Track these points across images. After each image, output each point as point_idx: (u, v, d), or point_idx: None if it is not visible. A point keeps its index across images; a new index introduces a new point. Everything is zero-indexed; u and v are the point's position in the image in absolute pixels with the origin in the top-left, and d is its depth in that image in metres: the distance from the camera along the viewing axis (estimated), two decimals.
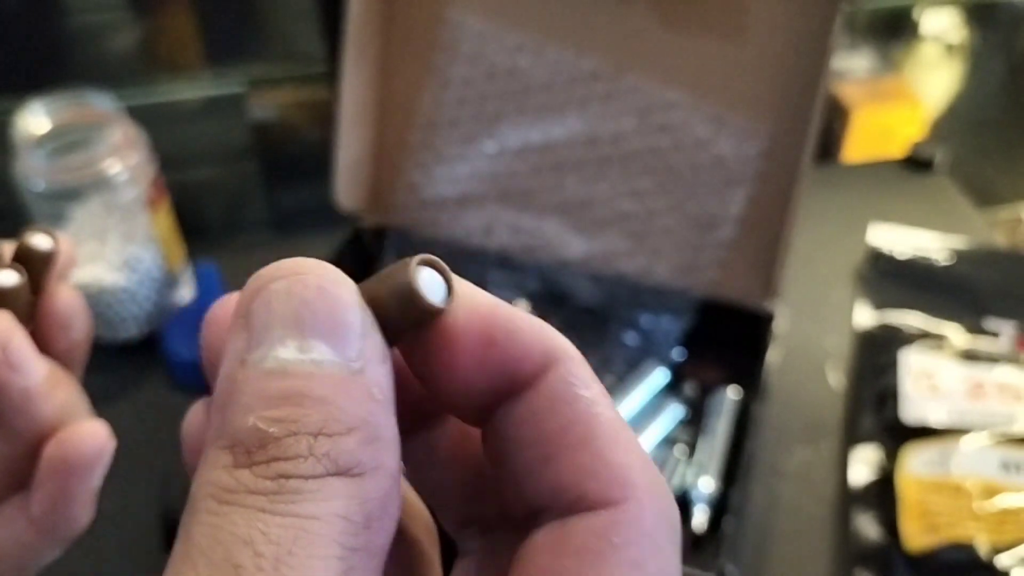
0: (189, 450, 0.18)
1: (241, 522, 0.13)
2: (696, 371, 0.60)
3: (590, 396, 0.15)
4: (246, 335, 0.14)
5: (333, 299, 0.14)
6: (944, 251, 0.70)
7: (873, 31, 0.96)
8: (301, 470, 0.13)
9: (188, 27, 0.82)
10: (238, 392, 0.14)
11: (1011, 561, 0.48)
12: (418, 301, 0.15)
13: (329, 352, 0.14)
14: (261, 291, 0.14)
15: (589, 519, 0.15)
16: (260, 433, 0.13)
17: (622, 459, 0.15)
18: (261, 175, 0.85)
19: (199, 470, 0.14)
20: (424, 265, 0.15)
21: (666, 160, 0.60)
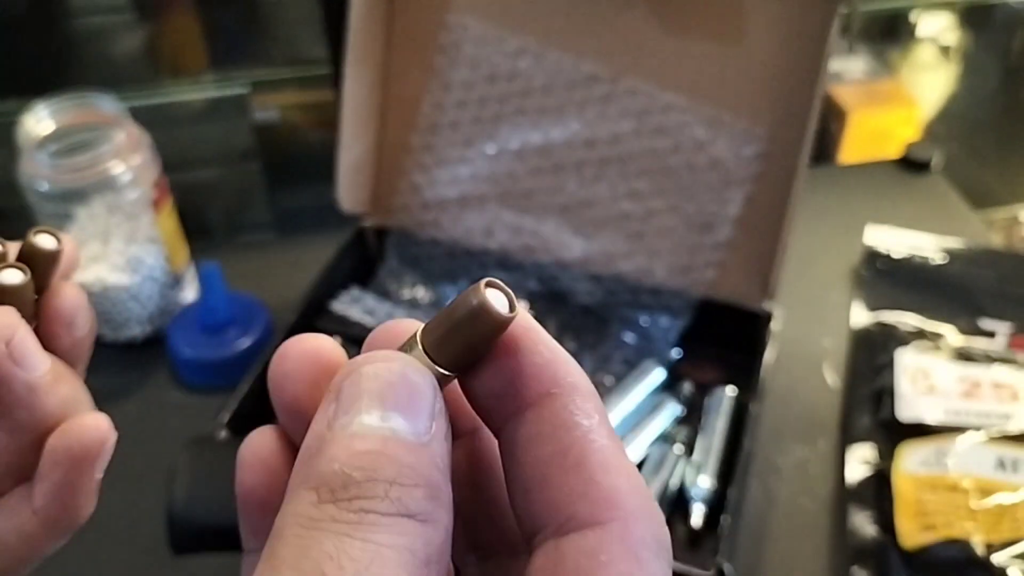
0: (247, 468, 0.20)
1: (327, 542, 0.15)
2: (693, 370, 0.61)
3: (588, 425, 0.17)
4: (335, 406, 0.16)
5: (413, 383, 0.17)
6: (940, 251, 0.70)
7: (869, 33, 0.96)
8: (379, 508, 0.15)
9: (192, 30, 0.82)
10: (326, 447, 0.16)
11: (1006, 559, 0.48)
12: (492, 315, 0.17)
13: (404, 424, 0.16)
14: (352, 373, 0.17)
15: (579, 539, 0.16)
16: (344, 476, 0.15)
17: (611, 482, 0.16)
18: (264, 176, 0.86)
19: (284, 507, 0.16)
20: (490, 287, 0.17)
21: (664, 162, 0.61)
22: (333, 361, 0.20)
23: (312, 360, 0.19)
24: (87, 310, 0.29)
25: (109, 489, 0.61)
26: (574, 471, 0.16)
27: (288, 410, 0.20)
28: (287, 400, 0.20)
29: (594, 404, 0.17)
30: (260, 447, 0.20)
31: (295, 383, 0.19)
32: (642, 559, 0.16)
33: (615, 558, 0.16)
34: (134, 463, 0.58)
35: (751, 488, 0.55)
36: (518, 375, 0.17)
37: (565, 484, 0.16)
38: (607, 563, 0.15)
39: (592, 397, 0.17)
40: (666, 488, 0.53)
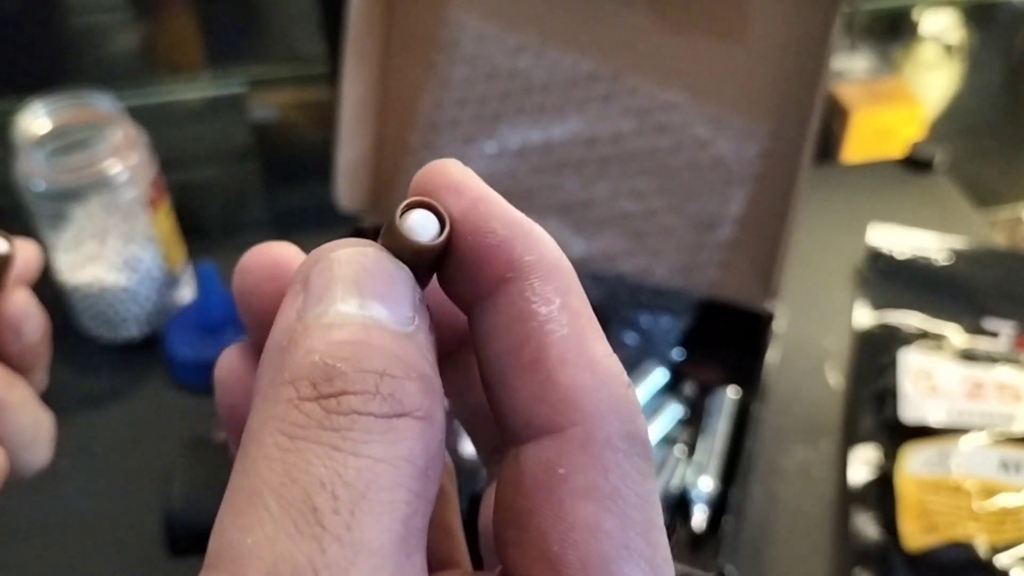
0: (224, 389, 0.19)
1: (316, 461, 0.13)
2: (696, 371, 0.60)
3: (546, 312, 0.15)
4: (303, 296, 0.14)
5: (391, 270, 0.15)
6: (943, 251, 0.70)
7: (872, 32, 0.96)
8: (371, 407, 0.13)
9: (189, 27, 0.82)
10: (298, 339, 0.14)
11: (1010, 560, 0.48)
12: (407, 243, 0.15)
13: (386, 313, 0.14)
14: (321, 259, 0.15)
15: (537, 449, 0.14)
16: (327, 367, 0.13)
17: (571, 379, 0.14)
18: (261, 175, 0.85)
19: (256, 408, 0.14)
20: (414, 207, 0.15)
21: (665, 161, 0.60)
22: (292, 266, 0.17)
23: (275, 270, 0.18)
24: (37, 317, 0.28)
25: (107, 489, 0.61)
26: (530, 369, 0.14)
27: (259, 326, 0.18)
28: (256, 315, 0.18)
29: (556, 284, 0.15)
30: (235, 364, 0.19)
31: (261, 297, 0.18)
32: (607, 465, 0.14)
33: (575, 469, 0.14)
34: (131, 463, 0.58)
35: (753, 490, 0.55)
36: (472, 260, 0.15)
37: (521, 384, 0.14)
38: (566, 476, 0.14)
39: (556, 276, 0.15)
40: (667, 490, 0.53)
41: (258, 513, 0.13)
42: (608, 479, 0.14)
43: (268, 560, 0.12)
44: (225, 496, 0.14)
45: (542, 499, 0.14)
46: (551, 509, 0.14)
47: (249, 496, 0.13)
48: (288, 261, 0.18)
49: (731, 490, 0.51)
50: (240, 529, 0.13)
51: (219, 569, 0.13)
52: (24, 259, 0.29)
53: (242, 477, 0.13)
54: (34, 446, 0.28)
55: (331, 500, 0.12)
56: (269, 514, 0.13)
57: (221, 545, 0.13)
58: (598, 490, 0.14)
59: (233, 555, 0.13)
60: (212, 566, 0.13)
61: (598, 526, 0.14)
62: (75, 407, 0.61)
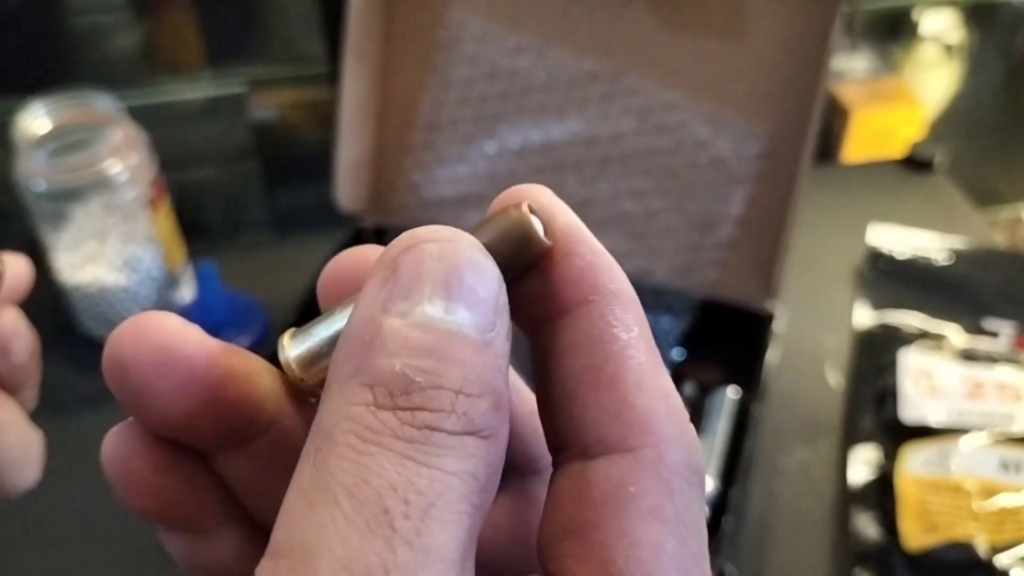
0: (122, 486, 0.17)
1: (389, 467, 0.13)
2: (696, 371, 0.60)
3: (627, 339, 0.15)
4: (391, 286, 0.14)
5: (481, 272, 0.15)
6: (943, 251, 0.70)
7: (872, 32, 0.96)
8: (445, 425, 0.14)
9: (189, 28, 0.82)
10: (382, 337, 0.14)
11: (1010, 561, 0.48)
12: (535, 242, 0.16)
13: (470, 319, 0.14)
14: (413, 248, 0.15)
15: (608, 466, 0.15)
16: (406, 379, 0.14)
17: (646, 404, 0.15)
18: (261, 175, 0.85)
19: (330, 402, 0.14)
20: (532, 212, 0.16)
21: (666, 161, 0.60)
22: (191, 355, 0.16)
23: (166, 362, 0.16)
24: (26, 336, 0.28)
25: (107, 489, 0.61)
26: (607, 389, 0.15)
27: (154, 424, 0.16)
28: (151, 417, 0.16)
29: (635, 315, 0.16)
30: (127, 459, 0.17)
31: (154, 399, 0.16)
32: (675, 490, 0.15)
33: (646, 489, 0.14)
34: None
35: (753, 489, 0.55)
36: (556, 278, 0.16)
37: (596, 403, 0.15)
38: (637, 495, 0.14)
39: (634, 307, 0.16)
40: None
41: (330, 510, 0.13)
42: (674, 503, 0.14)
43: (341, 556, 0.13)
44: (292, 487, 0.14)
45: (610, 514, 0.14)
46: (619, 524, 0.14)
47: (321, 491, 0.13)
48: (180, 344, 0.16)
49: (731, 490, 0.51)
50: (312, 523, 0.13)
51: (290, 559, 0.13)
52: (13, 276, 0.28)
53: (312, 469, 0.14)
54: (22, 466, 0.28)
55: (402, 505, 0.13)
56: (341, 511, 0.13)
57: (291, 536, 0.13)
58: (665, 512, 0.14)
59: (305, 548, 0.13)
60: (281, 555, 0.13)
61: (662, 546, 0.14)
62: (75, 407, 0.61)
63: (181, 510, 0.18)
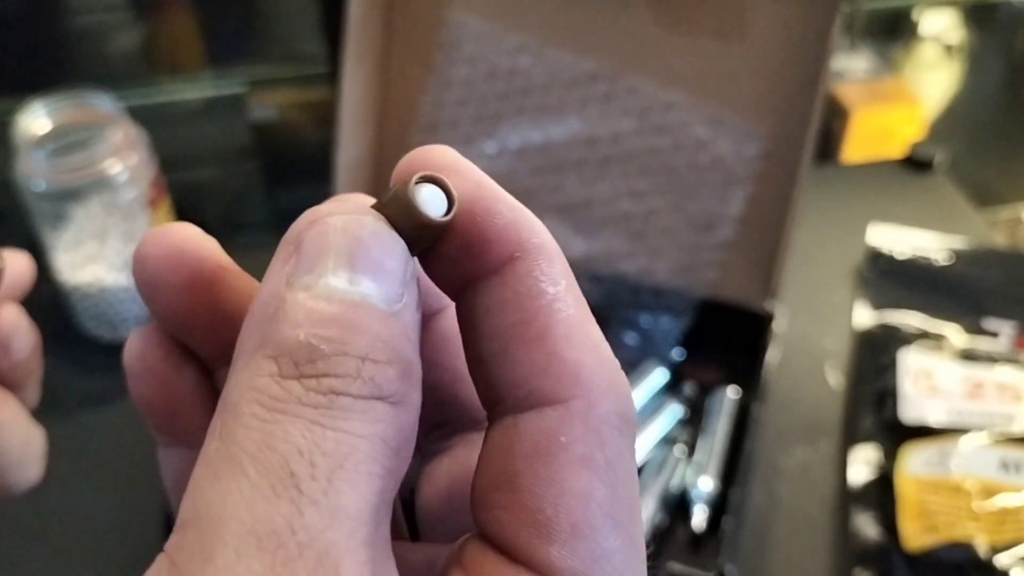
0: (137, 379, 0.18)
1: (294, 431, 0.13)
2: (696, 371, 0.60)
3: (553, 292, 0.15)
4: (295, 260, 0.15)
5: (385, 244, 0.15)
6: (943, 251, 0.70)
7: (872, 32, 0.96)
8: (350, 389, 0.14)
9: (189, 28, 0.82)
10: (285, 309, 0.14)
11: (1010, 561, 0.48)
12: (420, 218, 0.15)
13: (375, 290, 0.15)
14: (316, 223, 0.15)
15: (539, 417, 0.15)
16: (310, 347, 0.14)
17: (575, 356, 0.15)
18: (261, 175, 0.85)
19: (235, 376, 0.14)
20: (424, 182, 0.16)
21: (666, 161, 0.60)
22: (202, 257, 0.17)
23: (180, 258, 0.17)
24: (27, 333, 0.28)
25: (107, 489, 0.61)
26: (536, 343, 0.15)
27: (167, 320, 0.18)
28: (163, 311, 0.17)
29: (560, 268, 0.16)
30: (146, 354, 0.18)
31: (166, 289, 0.17)
32: (604, 439, 0.15)
33: (575, 438, 0.15)
34: (131, 464, 0.58)
35: (753, 490, 0.55)
36: (477, 240, 0.16)
37: (526, 357, 0.15)
38: (566, 444, 0.15)
39: (558, 260, 0.16)
40: (667, 490, 0.53)
41: (236, 477, 0.13)
42: (604, 452, 0.15)
43: (246, 520, 0.13)
44: (199, 461, 0.14)
45: (540, 464, 0.15)
46: (548, 473, 0.14)
47: (226, 462, 0.13)
48: (192, 247, 0.17)
49: (731, 490, 0.51)
50: (217, 492, 0.13)
51: (196, 528, 0.13)
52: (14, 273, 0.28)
53: (218, 442, 0.14)
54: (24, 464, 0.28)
55: (309, 467, 0.13)
56: (247, 478, 0.13)
57: (197, 506, 0.13)
58: (594, 461, 0.15)
59: (211, 516, 0.13)
60: (187, 525, 0.13)
61: (590, 494, 0.14)
62: (75, 407, 0.61)
63: (182, 407, 0.18)
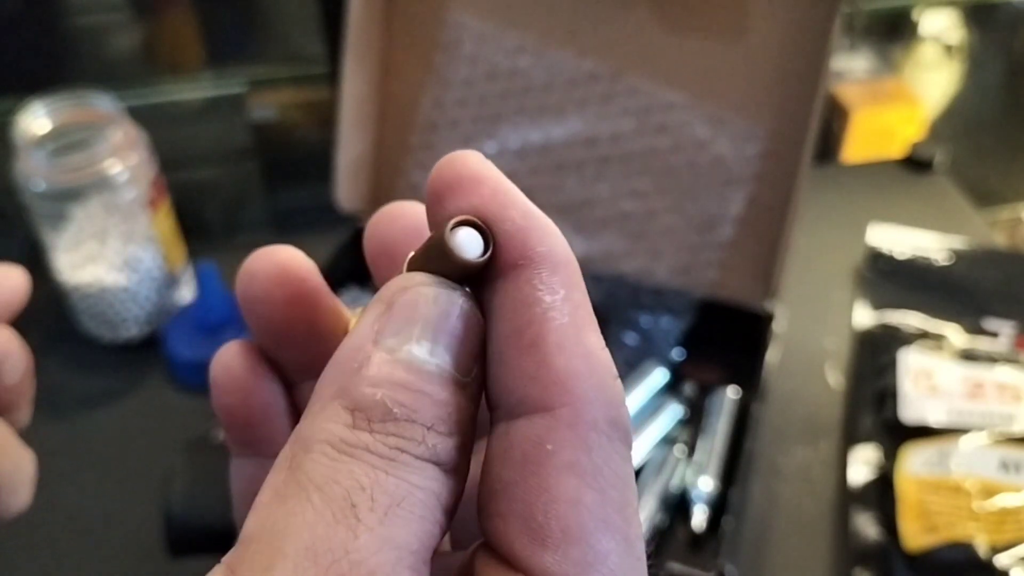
0: (222, 389, 0.20)
1: (359, 472, 0.14)
2: (695, 371, 0.60)
3: (550, 301, 0.16)
4: (385, 320, 0.16)
5: (469, 323, 0.16)
6: (943, 251, 0.70)
7: (872, 32, 0.96)
8: (413, 450, 0.15)
9: (189, 28, 0.82)
10: (368, 366, 0.15)
11: (1010, 561, 0.48)
12: (458, 261, 0.16)
13: (451, 363, 0.16)
14: (410, 289, 0.16)
15: (527, 425, 0.15)
16: (385, 409, 0.15)
17: (565, 364, 0.15)
18: (261, 175, 0.85)
19: (312, 417, 0.15)
20: (461, 226, 0.16)
21: (666, 161, 0.60)
22: (304, 277, 0.19)
23: (284, 276, 0.19)
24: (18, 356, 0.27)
25: (107, 489, 0.61)
26: (528, 351, 0.16)
27: (264, 332, 0.19)
28: (263, 322, 0.19)
29: (563, 278, 0.16)
30: (233, 363, 0.20)
31: (270, 305, 0.19)
32: (591, 445, 0.15)
33: (561, 446, 0.15)
34: (131, 464, 0.58)
35: (753, 490, 0.55)
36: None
37: (519, 365, 0.16)
38: (553, 452, 0.15)
39: (563, 270, 0.16)
40: (667, 490, 0.53)
41: (301, 503, 0.14)
42: (591, 458, 0.15)
43: (306, 539, 0.14)
44: (265, 485, 0.15)
45: (529, 471, 0.15)
46: (537, 481, 0.15)
47: (294, 488, 0.14)
48: (295, 267, 0.19)
49: (731, 490, 0.51)
50: (282, 513, 0.14)
51: (258, 543, 0.14)
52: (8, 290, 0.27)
53: (287, 473, 0.15)
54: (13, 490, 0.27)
55: (369, 501, 0.14)
56: (311, 504, 0.14)
57: (261, 524, 0.14)
58: (581, 467, 0.15)
59: (273, 533, 0.14)
60: (251, 540, 0.14)
61: (579, 499, 0.15)
62: (75, 407, 0.61)
63: (260, 419, 0.20)
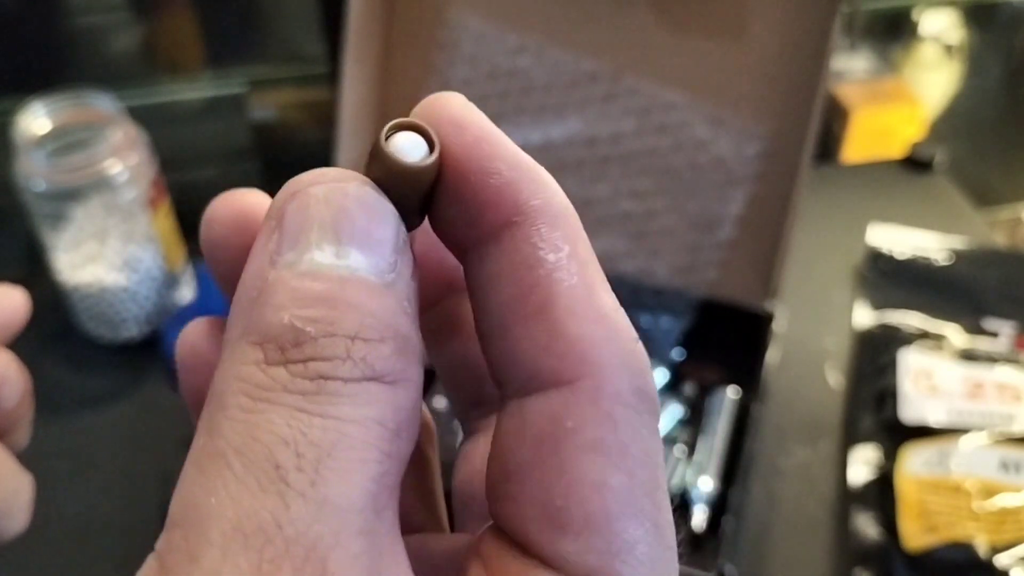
0: (188, 370, 0.18)
1: (279, 421, 0.13)
2: (695, 371, 0.60)
3: (554, 260, 0.14)
4: (278, 236, 0.14)
5: (372, 211, 0.14)
6: (943, 251, 0.70)
7: (872, 32, 0.96)
8: (340, 372, 0.13)
9: (189, 28, 0.82)
10: (269, 291, 0.13)
11: (1010, 561, 0.48)
12: (389, 163, 0.14)
13: (364, 261, 0.14)
14: (298, 195, 0.14)
15: (543, 401, 0.14)
16: (295, 331, 0.13)
17: (580, 331, 0.14)
18: (261, 175, 0.85)
19: (222, 366, 0.14)
20: (401, 130, 0.14)
21: (666, 161, 0.60)
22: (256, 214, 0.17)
23: (244, 220, 0.17)
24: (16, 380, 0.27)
25: (107, 489, 0.61)
26: (536, 318, 0.14)
27: (229, 280, 0.17)
28: (225, 268, 0.17)
29: (564, 232, 0.14)
30: (198, 342, 0.18)
31: (229, 249, 0.17)
32: (617, 419, 0.13)
33: (583, 422, 0.13)
34: (131, 464, 0.58)
35: (753, 490, 0.55)
36: (472, 201, 0.14)
37: (527, 335, 0.14)
38: (573, 430, 0.13)
39: (563, 222, 0.14)
40: (667, 490, 0.53)
41: (221, 472, 0.12)
42: (617, 435, 0.13)
43: (232, 517, 0.12)
44: (188, 458, 0.13)
45: (547, 452, 0.13)
46: (556, 463, 0.13)
47: (212, 456, 0.13)
48: (258, 210, 0.17)
49: (731, 490, 0.51)
50: (203, 488, 0.13)
51: (183, 527, 0.13)
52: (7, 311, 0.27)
53: (205, 438, 0.13)
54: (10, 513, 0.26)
55: (295, 458, 0.12)
56: (232, 473, 0.12)
57: (185, 505, 0.13)
58: (606, 445, 0.13)
59: (197, 514, 0.12)
60: (175, 525, 0.13)
61: (604, 482, 0.13)
62: (75, 407, 0.61)
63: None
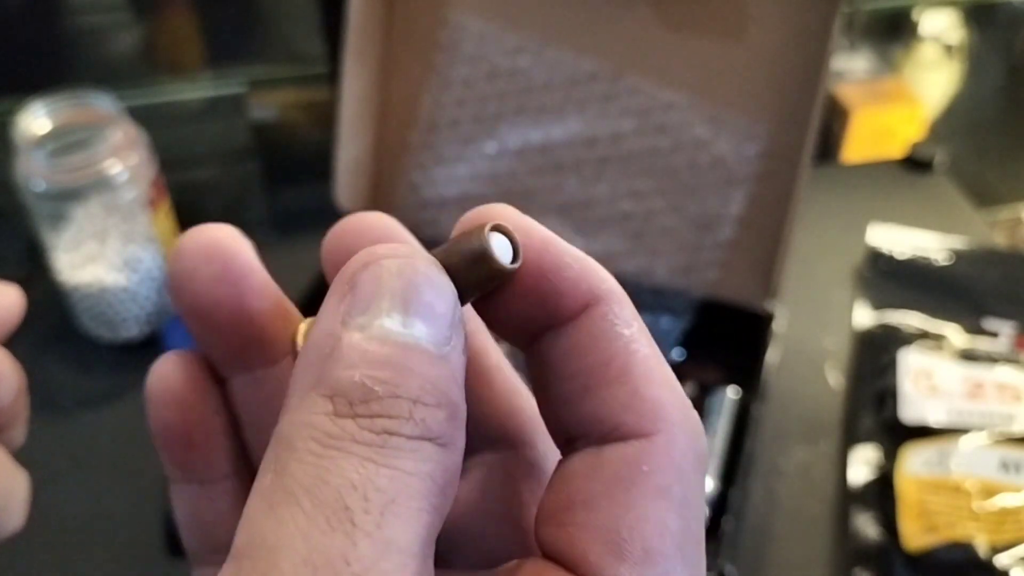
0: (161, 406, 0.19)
1: (349, 467, 0.14)
2: (695, 371, 0.60)
3: (629, 334, 0.17)
4: (350, 299, 0.15)
5: (438, 289, 0.16)
6: (943, 251, 0.70)
7: (872, 32, 0.96)
8: (403, 430, 0.14)
9: (189, 28, 0.82)
10: (341, 349, 0.15)
11: (1010, 561, 0.48)
12: (493, 264, 0.16)
13: (427, 332, 0.15)
14: (371, 265, 0.16)
15: (622, 448, 0.16)
16: (365, 389, 0.14)
17: (656, 394, 0.16)
18: (261, 175, 0.85)
19: (290, 413, 0.15)
20: (495, 231, 0.16)
21: (665, 160, 0.60)
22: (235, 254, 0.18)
23: (211, 254, 0.18)
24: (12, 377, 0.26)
25: (107, 489, 0.61)
26: (618, 382, 0.16)
27: (190, 313, 0.18)
28: (188, 302, 0.18)
29: (631, 311, 0.17)
30: (169, 379, 0.19)
31: (194, 282, 0.18)
32: (684, 472, 0.16)
33: (658, 469, 0.15)
34: (131, 463, 0.58)
35: (753, 490, 0.55)
36: (550, 293, 0.17)
37: (609, 396, 0.16)
38: (649, 473, 0.15)
39: (627, 303, 0.17)
40: None
41: (291, 509, 0.13)
42: (681, 486, 0.16)
43: (302, 551, 0.13)
44: (252, 493, 0.14)
45: (621, 488, 0.15)
46: (628, 498, 0.15)
47: (282, 494, 0.14)
48: (226, 244, 0.18)
49: (731, 490, 0.51)
50: (272, 523, 0.13)
51: (252, 559, 0.13)
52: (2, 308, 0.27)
53: (272, 476, 0.14)
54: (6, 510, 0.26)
55: (362, 501, 0.13)
56: (302, 510, 0.13)
57: (252, 537, 0.14)
58: (672, 493, 0.15)
59: (266, 546, 0.13)
60: (243, 556, 0.14)
61: (666, 524, 0.15)
62: (75, 407, 0.61)
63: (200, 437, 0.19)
